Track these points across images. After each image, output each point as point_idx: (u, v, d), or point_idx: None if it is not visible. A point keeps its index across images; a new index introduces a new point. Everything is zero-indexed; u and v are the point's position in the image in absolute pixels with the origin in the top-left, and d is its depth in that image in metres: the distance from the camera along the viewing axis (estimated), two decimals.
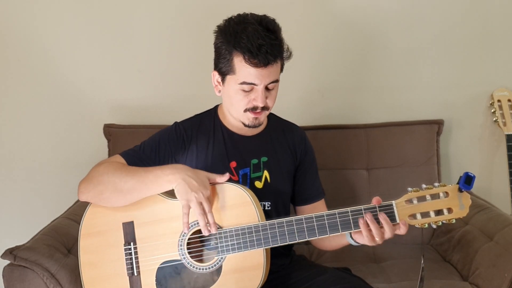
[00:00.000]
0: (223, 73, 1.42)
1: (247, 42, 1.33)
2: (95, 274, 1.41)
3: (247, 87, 1.39)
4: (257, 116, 1.43)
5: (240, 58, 1.36)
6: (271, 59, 1.35)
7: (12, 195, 2.30)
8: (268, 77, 1.38)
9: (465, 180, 1.28)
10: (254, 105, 1.41)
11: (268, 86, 1.40)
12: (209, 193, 1.33)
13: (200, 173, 1.34)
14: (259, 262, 1.34)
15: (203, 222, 1.31)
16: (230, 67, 1.39)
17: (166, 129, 1.53)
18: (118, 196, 1.36)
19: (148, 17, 2.20)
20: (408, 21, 2.20)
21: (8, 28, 2.19)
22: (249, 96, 1.40)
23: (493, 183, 2.28)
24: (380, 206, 1.30)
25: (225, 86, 1.44)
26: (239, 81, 1.38)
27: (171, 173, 1.32)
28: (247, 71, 1.36)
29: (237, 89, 1.40)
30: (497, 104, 2.17)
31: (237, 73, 1.38)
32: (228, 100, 1.46)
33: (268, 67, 1.36)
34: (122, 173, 1.36)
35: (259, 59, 1.34)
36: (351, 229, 1.31)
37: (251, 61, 1.34)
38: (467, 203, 1.30)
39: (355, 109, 2.26)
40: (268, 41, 1.34)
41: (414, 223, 1.30)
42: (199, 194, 1.30)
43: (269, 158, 1.53)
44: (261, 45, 1.33)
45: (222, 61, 1.40)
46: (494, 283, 1.62)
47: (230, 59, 1.38)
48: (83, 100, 2.25)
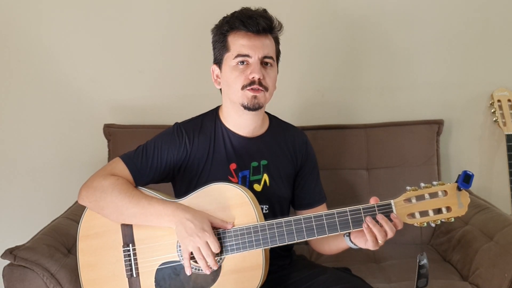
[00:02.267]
0: (219, 60, 1.46)
1: (238, 16, 1.42)
2: (94, 276, 1.41)
3: (241, 60, 1.41)
4: (255, 93, 1.41)
5: (233, 32, 1.42)
6: (263, 25, 1.40)
7: (12, 195, 2.30)
8: (261, 49, 1.41)
9: (463, 178, 1.27)
10: (250, 79, 1.41)
11: (264, 61, 1.42)
12: (209, 237, 1.31)
13: (200, 216, 1.34)
14: (258, 262, 1.34)
15: (204, 266, 1.32)
16: (224, 47, 1.44)
17: (167, 130, 1.53)
18: (117, 216, 1.39)
19: (148, 17, 2.20)
20: (408, 21, 2.20)
21: (8, 28, 2.19)
22: (245, 72, 1.41)
23: (493, 183, 2.28)
24: (379, 205, 1.30)
25: (223, 72, 1.46)
26: (233, 55, 1.41)
27: (172, 214, 1.34)
28: (240, 43, 1.41)
29: (232, 65, 1.42)
30: (497, 104, 2.17)
31: (231, 49, 1.42)
32: (226, 85, 1.46)
33: (260, 37, 1.41)
34: (125, 198, 1.37)
35: (251, 25, 1.39)
36: (350, 228, 1.31)
37: (243, 30, 1.40)
38: (466, 201, 1.30)
39: (355, 109, 2.26)
40: (258, 14, 1.42)
41: (413, 222, 1.30)
42: (195, 239, 1.31)
43: (269, 161, 1.52)
44: (252, 15, 1.41)
45: (218, 48, 1.46)
46: (494, 283, 1.61)
47: (225, 41, 1.43)
48: (83, 100, 2.25)
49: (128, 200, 1.37)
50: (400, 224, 1.30)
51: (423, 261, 1.36)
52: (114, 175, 1.42)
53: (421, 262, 1.36)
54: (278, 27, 1.45)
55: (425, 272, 1.37)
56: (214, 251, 1.31)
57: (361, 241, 1.35)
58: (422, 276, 1.37)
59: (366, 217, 1.29)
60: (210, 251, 1.31)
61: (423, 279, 1.37)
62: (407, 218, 1.30)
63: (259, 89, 1.41)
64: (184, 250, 1.33)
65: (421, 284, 1.37)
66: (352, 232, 1.37)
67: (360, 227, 1.31)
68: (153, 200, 1.38)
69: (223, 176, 1.47)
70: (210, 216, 1.35)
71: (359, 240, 1.36)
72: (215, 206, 1.37)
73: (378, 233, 1.29)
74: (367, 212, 1.30)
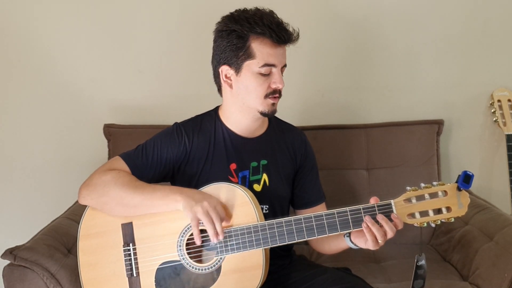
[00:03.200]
0: (237, 63, 1.41)
1: (266, 21, 1.36)
2: (94, 275, 1.41)
3: (266, 70, 1.40)
4: (275, 101, 1.44)
5: (260, 39, 1.38)
6: (289, 35, 1.39)
7: (12, 195, 2.30)
8: (283, 58, 1.43)
9: (463, 178, 1.27)
10: (273, 88, 1.41)
11: (282, 69, 1.43)
12: (217, 202, 1.33)
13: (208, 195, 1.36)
14: (258, 262, 1.34)
15: (212, 231, 1.31)
16: (246, 53, 1.39)
17: (166, 129, 1.53)
18: (122, 209, 1.38)
19: (148, 17, 2.20)
20: (408, 21, 2.20)
21: (8, 28, 2.19)
22: (269, 81, 1.41)
23: (493, 183, 2.28)
24: (379, 205, 1.31)
25: (242, 76, 1.42)
26: (260, 64, 1.39)
27: (179, 192, 1.35)
28: (267, 52, 1.38)
29: (256, 73, 1.40)
30: (497, 104, 2.17)
31: (257, 57, 1.38)
32: (244, 90, 1.43)
33: (283, 47, 1.41)
34: (129, 188, 1.37)
35: (283, 36, 1.37)
36: (350, 228, 1.31)
37: (273, 40, 1.37)
38: (465, 201, 1.30)
39: (355, 109, 2.26)
40: (281, 20, 1.40)
41: (413, 222, 1.30)
42: (203, 203, 1.31)
43: (268, 161, 1.52)
44: (279, 23, 1.38)
45: (234, 51, 1.40)
46: (494, 283, 1.62)
47: (247, 45, 1.38)
48: (83, 100, 2.25)
49: (133, 190, 1.36)
50: (400, 224, 1.30)
51: (421, 262, 1.36)
52: (114, 169, 1.42)
53: (419, 262, 1.35)
54: (296, 36, 1.43)
55: (423, 273, 1.36)
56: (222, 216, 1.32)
57: (361, 241, 1.35)
58: (419, 277, 1.36)
59: (365, 217, 1.29)
60: (218, 216, 1.31)
61: (420, 280, 1.36)
62: (407, 218, 1.30)
63: (278, 96, 1.44)
64: (192, 218, 1.31)
65: (417, 285, 1.36)
66: (352, 232, 1.37)
67: (360, 227, 1.31)
68: (157, 186, 1.38)
69: (223, 176, 1.47)
70: None
71: (359, 240, 1.36)
72: None
73: (377, 233, 1.29)
74: (367, 212, 1.30)
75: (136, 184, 1.38)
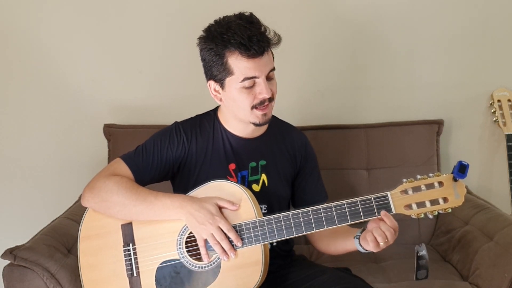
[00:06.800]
0: (220, 79, 1.41)
1: (236, 37, 1.33)
2: (95, 276, 1.42)
3: (249, 83, 1.38)
4: (265, 111, 1.42)
5: (235, 55, 1.35)
6: (265, 45, 1.36)
7: (12, 195, 2.30)
8: (266, 66, 1.38)
9: (459, 168, 1.28)
10: (260, 99, 1.40)
11: (268, 76, 1.40)
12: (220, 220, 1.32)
13: (206, 203, 1.35)
14: (258, 258, 1.34)
15: (220, 251, 1.32)
16: (226, 70, 1.38)
17: (166, 129, 1.53)
18: (124, 214, 1.39)
19: (148, 17, 2.20)
20: (408, 21, 2.20)
21: (8, 28, 2.19)
22: (253, 92, 1.39)
23: (493, 183, 2.28)
24: (376, 198, 1.31)
25: (226, 91, 1.42)
26: (240, 79, 1.37)
27: (180, 206, 1.35)
28: (244, 66, 1.36)
29: (239, 88, 1.38)
30: (497, 104, 2.17)
31: (235, 73, 1.37)
32: (233, 103, 1.43)
33: (263, 56, 1.36)
34: (132, 195, 1.37)
35: (254, 49, 1.33)
36: (348, 221, 1.31)
37: (247, 54, 1.34)
38: (462, 192, 1.30)
39: (355, 109, 2.26)
40: (255, 31, 1.35)
41: (410, 213, 1.30)
42: (207, 226, 1.32)
43: (267, 162, 1.52)
44: (251, 36, 1.33)
45: (215, 68, 1.39)
46: (494, 283, 1.61)
47: (224, 62, 1.37)
48: (83, 100, 2.25)
49: (135, 198, 1.37)
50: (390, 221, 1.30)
51: (421, 252, 1.34)
52: (117, 175, 1.42)
53: (420, 253, 1.34)
54: (276, 40, 1.40)
55: (425, 263, 1.34)
56: (227, 232, 1.32)
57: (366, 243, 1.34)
58: (421, 268, 1.34)
59: None
60: (223, 235, 1.32)
61: (423, 270, 1.34)
62: (404, 209, 1.30)
63: (268, 104, 1.42)
64: (198, 239, 1.34)
65: (420, 275, 1.34)
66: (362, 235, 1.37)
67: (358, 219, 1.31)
68: (159, 194, 1.38)
69: (223, 175, 1.47)
70: (216, 198, 1.36)
71: (365, 242, 1.35)
72: None
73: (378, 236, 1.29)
74: (364, 204, 1.31)
75: (138, 191, 1.39)
